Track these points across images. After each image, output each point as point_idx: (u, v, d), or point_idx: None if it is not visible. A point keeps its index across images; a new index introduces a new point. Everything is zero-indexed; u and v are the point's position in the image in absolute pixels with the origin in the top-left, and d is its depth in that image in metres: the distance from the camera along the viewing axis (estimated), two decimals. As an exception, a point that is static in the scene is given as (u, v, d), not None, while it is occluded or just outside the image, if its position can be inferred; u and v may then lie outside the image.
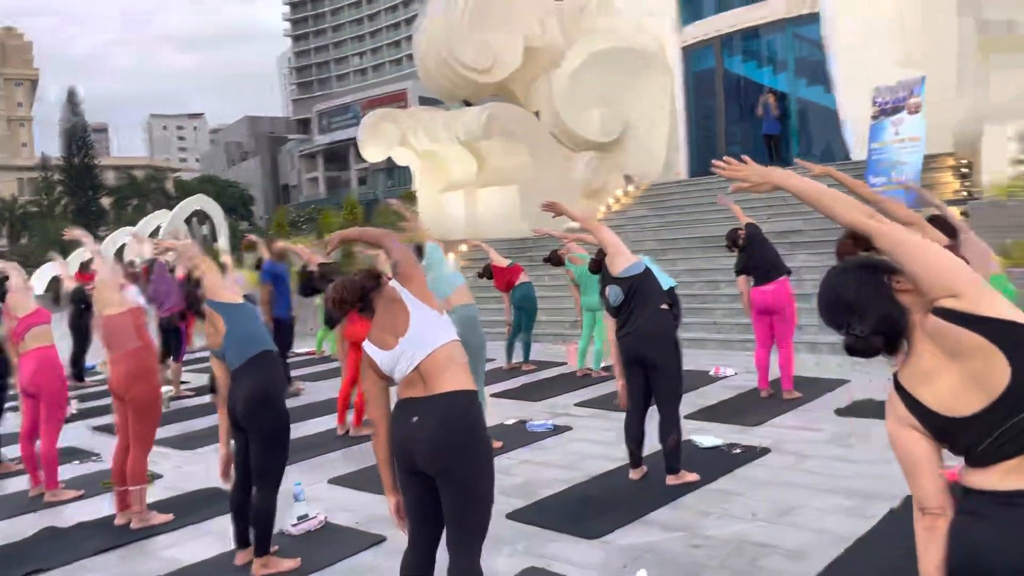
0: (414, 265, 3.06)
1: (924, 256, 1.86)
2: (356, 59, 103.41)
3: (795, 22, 15.74)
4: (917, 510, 1.92)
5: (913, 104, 11.40)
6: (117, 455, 4.90)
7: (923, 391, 1.85)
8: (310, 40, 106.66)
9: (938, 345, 1.82)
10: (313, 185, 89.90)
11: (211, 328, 4.05)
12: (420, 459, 2.80)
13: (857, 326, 1.89)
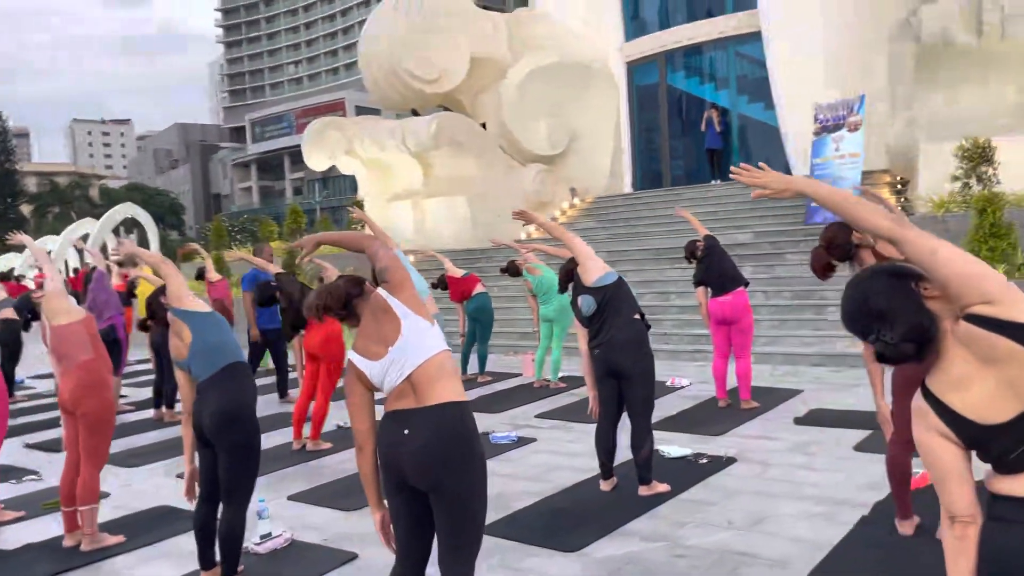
0: (404, 272, 2.96)
1: (957, 263, 1.86)
2: (291, 67, 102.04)
3: (737, 40, 16.10)
4: (946, 518, 1.91)
5: (852, 122, 11.75)
6: (66, 473, 4.63)
7: (954, 398, 1.84)
8: (243, 47, 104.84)
9: (971, 351, 1.82)
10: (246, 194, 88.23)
11: (175, 338, 3.86)
12: (412, 473, 2.70)
13: (887, 333, 1.88)
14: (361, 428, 2.83)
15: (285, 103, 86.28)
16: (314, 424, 6.52)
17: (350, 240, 3.28)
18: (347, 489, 5.40)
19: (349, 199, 17.01)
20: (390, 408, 2.78)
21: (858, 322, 1.94)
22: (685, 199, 14.70)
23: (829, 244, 4.20)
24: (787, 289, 10.07)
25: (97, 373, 4.46)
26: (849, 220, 2.09)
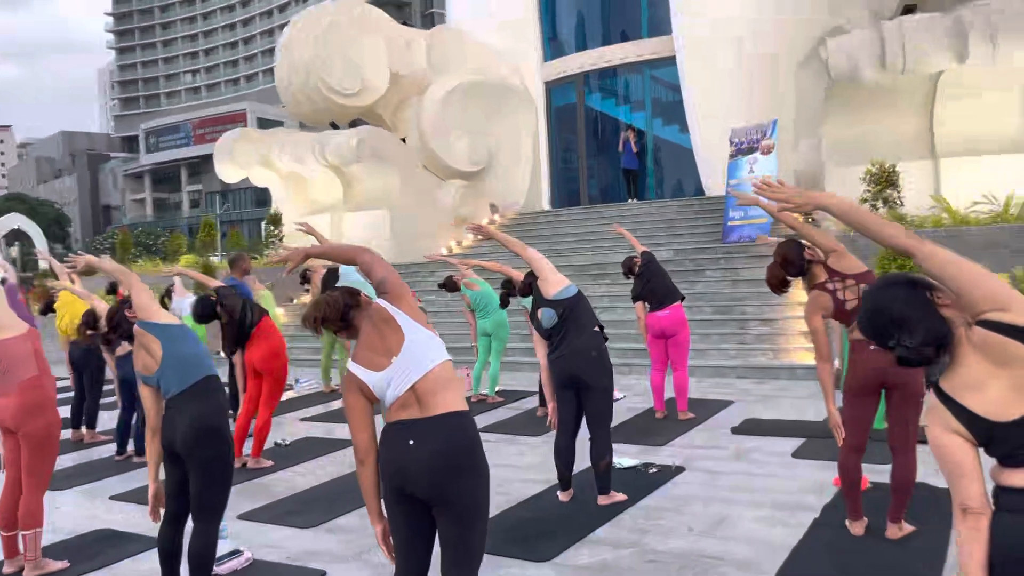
0: (402, 282, 2.97)
1: (972, 274, 2.04)
2: (188, 76, 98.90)
3: (652, 64, 16.65)
4: (959, 511, 2.06)
5: (766, 145, 12.33)
6: (6, 495, 4.37)
7: (970, 398, 2.01)
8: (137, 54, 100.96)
9: (985, 355, 1.99)
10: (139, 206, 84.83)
11: (141, 352, 3.72)
12: (417, 483, 2.70)
13: (908, 339, 2.04)
14: (362, 440, 2.81)
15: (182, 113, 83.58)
16: (256, 441, 6.36)
17: (341, 252, 3.26)
18: (301, 506, 5.30)
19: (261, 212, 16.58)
20: (393, 419, 2.78)
21: (879, 329, 2.10)
22: (605, 217, 15.05)
23: (784, 261, 4.44)
24: (708, 304, 10.46)
25: (42, 391, 4.23)
26: (865, 233, 2.26)
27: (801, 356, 9.22)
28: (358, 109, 17.35)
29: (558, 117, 18.27)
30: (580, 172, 18.12)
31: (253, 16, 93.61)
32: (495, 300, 8.31)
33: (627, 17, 17.20)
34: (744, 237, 12.19)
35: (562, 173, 18.48)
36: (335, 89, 16.42)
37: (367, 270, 3.03)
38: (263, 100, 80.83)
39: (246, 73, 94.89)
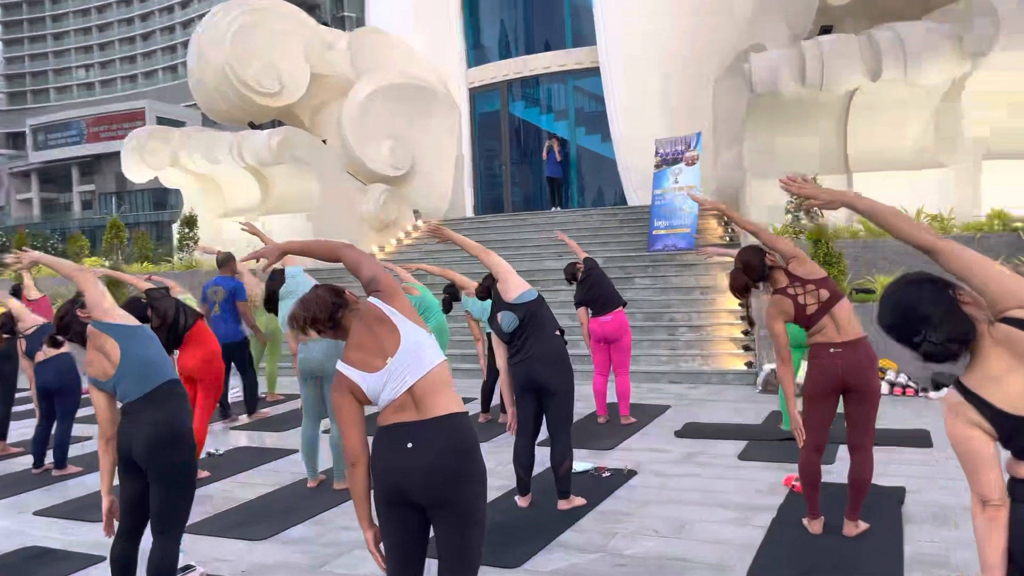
0: (394, 280, 2.88)
1: (995, 273, 2.11)
2: (81, 72, 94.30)
3: (576, 74, 16.86)
4: (977, 504, 2.13)
5: (690, 156, 12.64)
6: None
7: (992, 392, 2.08)
8: (25, 47, 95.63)
9: (1008, 350, 2.06)
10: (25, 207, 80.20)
11: (97, 355, 3.48)
12: (415, 488, 2.60)
13: (934, 335, 2.09)
14: (354, 444, 2.69)
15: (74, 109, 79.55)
16: (193, 451, 6.05)
17: (323, 249, 3.11)
18: (247, 518, 5.07)
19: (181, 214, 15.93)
20: (388, 422, 2.67)
21: (905, 326, 2.15)
22: (530, 224, 15.12)
23: (746, 266, 4.52)
24: (639, 311, 10.61)
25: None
26: (892, 232, 2.32)
27: (730, 362, 9.46)
28: (276, 109, 16.89)
29: (482, 124, 18.27)
30: (504, 179, 18.16)
31: (152, 11, 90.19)
32: (435, 305, 8.18)
33: (551, 27, 17.38)
34: (669, 246, 12.45)
35: (486, 180, 18.48)
36: (253, 88, 15.94)
37: (353, 267, 2.92)
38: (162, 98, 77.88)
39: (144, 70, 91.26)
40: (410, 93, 16.94)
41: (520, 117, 17.94)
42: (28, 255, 3.78)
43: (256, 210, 15.83)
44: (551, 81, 17.33)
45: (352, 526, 4.82)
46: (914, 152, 11.63)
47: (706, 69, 15.31)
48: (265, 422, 8.14)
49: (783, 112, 11.76)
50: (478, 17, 18.34)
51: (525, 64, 17.32)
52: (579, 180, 17.28)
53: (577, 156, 17.37)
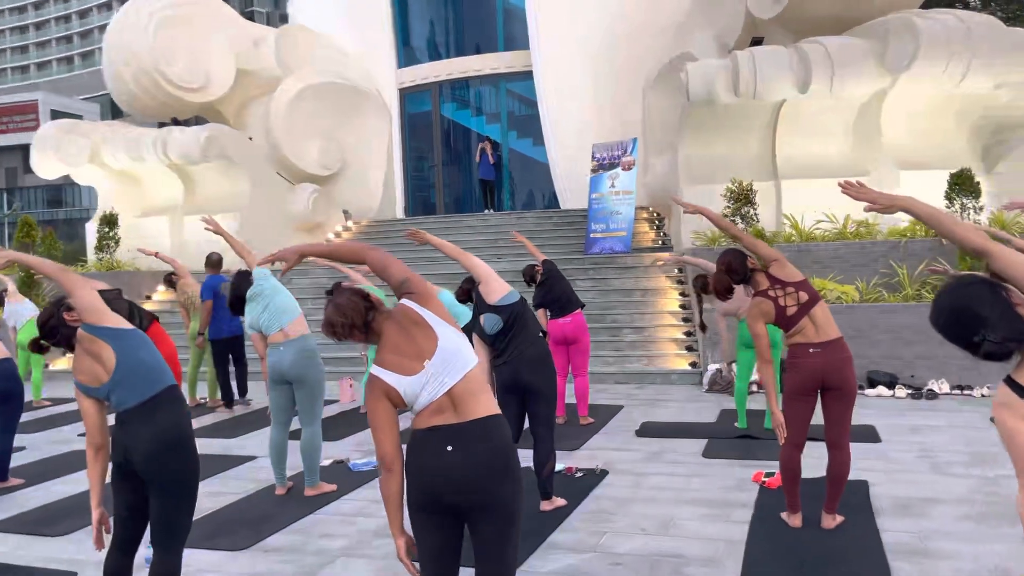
0: (426, 282, 2.87)
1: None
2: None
3: (508, 77, 16.94)
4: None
5: (626, 161, 12.88)
6: None
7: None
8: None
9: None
10: (-97, 203, 75.00)
11: (88, 360, 3.30)
12: (457, 491, 2.59)
13: (992, 335, 2.22)
14: (389, 449, 2.65)
15: (-42, 101, 75.02)
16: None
17: (347, 251, 3.06)
18: (219, 527, 4.90)
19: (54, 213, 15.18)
20: (425, 424, 2.66)
21: (963, 327, 2.27)
22: (465, 226, 15.11)
23: (728, 269, 4.65)
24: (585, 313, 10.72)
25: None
26: (945, 235, 2.45)
27: (674, 362, 9.69)
28: (199, 105, 16.37)
29: (412, 125, 18.14)
30: (436, 181, 18.08)
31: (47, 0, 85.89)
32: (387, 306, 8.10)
33: (483, 30, 17.41)
34: (606, 249, 12.65)
35: (417, 181, 18.35)
36: (176, 83, 15.41)
37: (380, 269, 2.88)
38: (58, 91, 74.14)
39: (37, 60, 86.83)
40: (340, 92, 16.70)
41: (452, 119, 17.89)
42: (3, 254, 3.56)
43: (179, 209, 15.30)
44: (483, 84, 17.36)
45: (335, 533, 4.73)
46: (837, 160, 12.14)
47: (636, 76, 15.62)
48: (213, 428, 7.87)
49: (716, 120, 12.11)
50: (408, 17, 18.21)
51: (457, 66, 17.30)
52: (511, 183, 17.36)
53: (511, 159, 17.44)
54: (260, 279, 5.51)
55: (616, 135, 14.62)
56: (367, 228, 16.39)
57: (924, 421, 7.11)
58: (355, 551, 4.43)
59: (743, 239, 4.71)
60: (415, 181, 18.29)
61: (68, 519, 5.16)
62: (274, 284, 5.50)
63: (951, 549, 4.10)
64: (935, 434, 6.62)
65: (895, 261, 9.61)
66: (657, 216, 14.51)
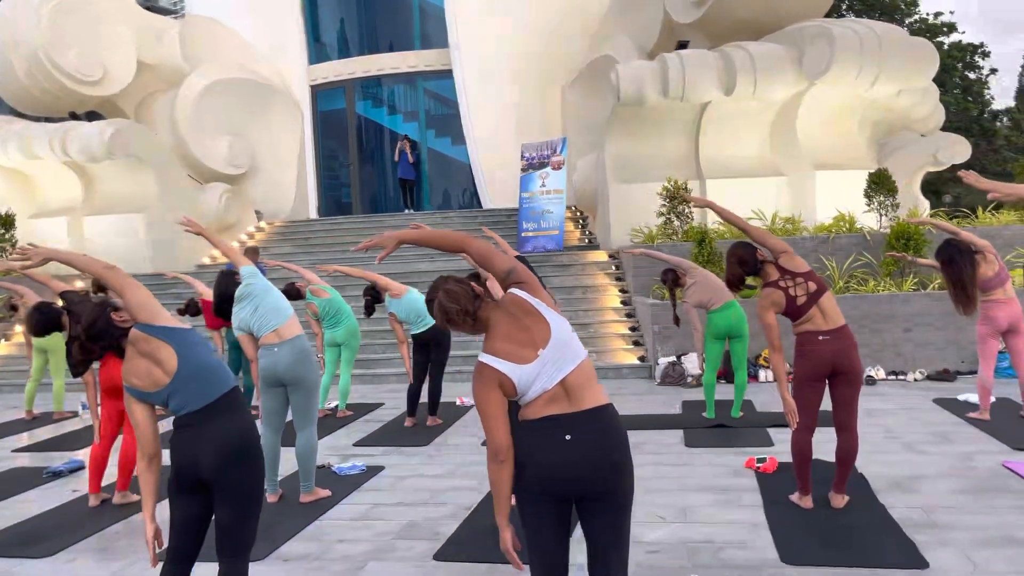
0: (531, 272, 2.84)
1: None
2: None
3: (426, 76, 16.78)
4: None
5: (556, 161, 13.01)
6: None
7: None
8: None
9: None
10: None
11: (144, 363, 3.06)
12: (576, 481, 2.58)
13: None
14: (503, 439, 2.61)
15: None
16: (123, 472, 5.44)
17: (448, 240, 2.99)
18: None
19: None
20: (539, 414, 2.63)
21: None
22: (387, 227, 14.85)
23: (740, 261, 4.79)
24: (523, 311, 10.77)
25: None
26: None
27: (623, 356, 9.86)
28: (97, 99, 15.40)
29: (324, 123, 17.69)
30: (352, 180, 17.69)
31: None
32: (346, 309, 7.90)
33: (400, 27, 17.18)
34: (539, 248, 12.74)
35: (331, 180, 17.91)
36: (72, 75, 14.43)
37: (484, 259, 2.84)
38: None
39: None
40: (249, 88, 16.14)
41: (367, 117, 17.56)
42: (38, 251, 3.24)
43: (78, 210, 14.36)
44: (400, 82, 17.13)
45: (352, 538, 4.57)
46: (756, 161, 12.71)
47: (555, 77, 15.83)
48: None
49: (642, 120, 12.41)
50: (319, 12, 17.74)
51: (373, 63, 16.99)
52: (430, 182, 17.22)
53: (429, 158, 17.28)
54: (249, 278, 5.24)
55: (537, 134, 14.76)
56: (280, 229, 15.88)
57: (875, 405, 7.52)
58: (383, 555, 4.30)
59: (751, 232, 4.84)
60: (328, 180, 17.84)
61: (50, 539, 4.75)
62: (264, 283, 5.25)
63: (957, 521, 4.37)
64: (889, 417, 7.03)
65: (824, 255, 10.11)
66: (581, 215, 14.74)
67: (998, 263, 6.47)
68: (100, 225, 13.97)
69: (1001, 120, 30.36)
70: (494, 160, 15.60)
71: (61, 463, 6.48)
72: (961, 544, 4.03)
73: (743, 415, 7.18)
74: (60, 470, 6.28)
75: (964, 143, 13.75)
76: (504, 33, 15.55)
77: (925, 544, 4.04)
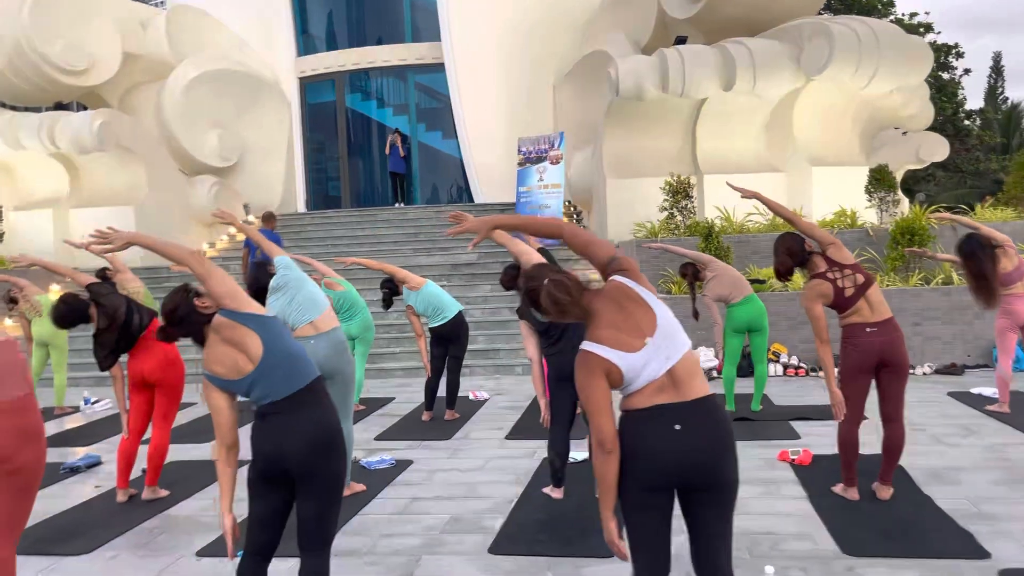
0: (632, 259, 2.80)
1: None
2: None
3: (417, 69, 16.65)
4: None
5: (554, 155, 12.98)
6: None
7: None
8: None
9: None
10: None
11: (228, 350, 2.96)
12: (689, 471, 2.54)
13: None
14: (611, 429, 2.57)
15: None
16: (152, 468, 5.30)
17: (542, 225, 2.94)
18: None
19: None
20: (647, 403, 2.59)
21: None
22: (380, 220, 14.75)
23: (789, 252, 4.80)
24: (526, 306, 10.73)
25: (35, 415, 3.19)
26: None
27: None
28: (81, 89, 15.07)
29: (313, 115, 17.48)
30: (341, 174, 17.51)
31: None
32: (360, 302, 7.78)
33: (389, 20, 17.03)
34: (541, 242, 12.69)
35: (316, 174, 17.71)
36: (58, 65, 14.09)
37: (583, 247, 2.81)
38: None
39: None
40: (237, 80, 15.89)
41: (357, 110, 17.39)
42: (119, 235, 3.13)
43: (64, 202, 14.03)
44: (390, 75, 16.98)
45: (399, 532, 4.50)
46: (752, 157, 12.78)
47: (547, 71, 15.79)
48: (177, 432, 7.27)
49: (639, 115, 12.41)
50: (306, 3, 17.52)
51: (364, 55, 16.82)
52: (423, 176, 17.10)
53: (420, 152, 17.16)
54: (283, 269, 5.13)
55: (529, 129, 14.71)
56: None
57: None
58: (435, 549, 4.23)
59: (798, 223, 4.84)
60: (316, 174, 17.65)
61: (84, 536, 4.62)
62: (299, 275, 5.14)
63: (1008, 512, 4.40)
64: (908, 410, 7.06)
65: (827, 251, 10.17)
66: (576, 210, 14.72)
67: (1017, 258, 6.56)
68: (88, 218, 13.63)
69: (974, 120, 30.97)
70: (486, 154, 15.52)
71: (76, 458, 6.32)
72: (1016, 535, 4.06)
73: (762, 408, 7.20)
74: (77, 465, 6.12)
75: (944, 142, 14.01)
76: (496, 26, 15.48)
77: (981, 535, 4.07)
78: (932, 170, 25.99)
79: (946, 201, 21.49)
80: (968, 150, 28.62)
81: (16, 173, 14.34)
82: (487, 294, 11.13)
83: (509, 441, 6.53)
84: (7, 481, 3.13)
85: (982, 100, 34.44)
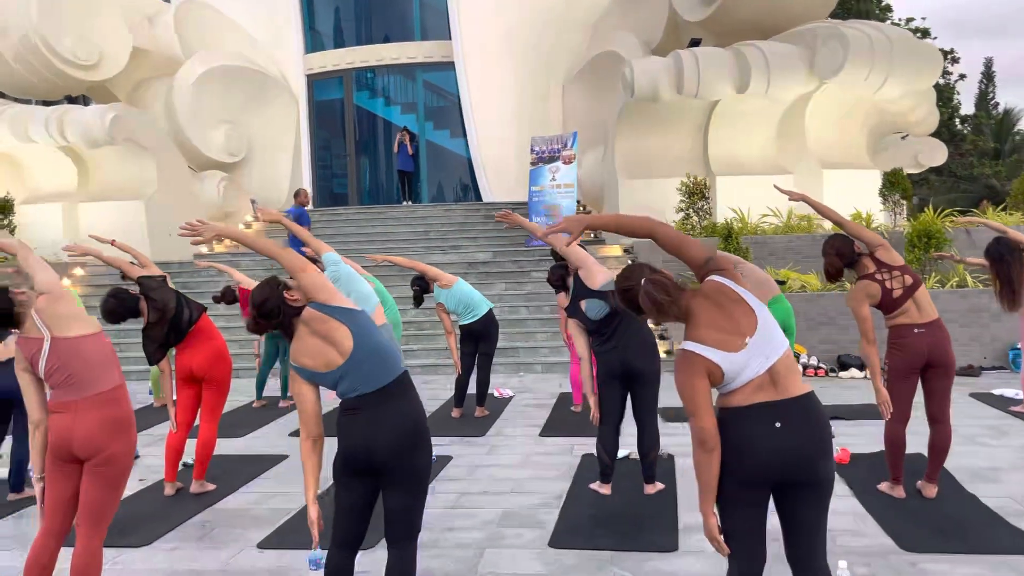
0: (728, 258, 2.86)
1: None
2: None
3: (425, 67, 16.66)
4: None
5: (567, 155, 13.03)
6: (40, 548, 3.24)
7: None
8: None
9: None
10: None
11: (318, 343, 3.00)
12: (789, 468, 2.60)
13: None
14: (712, 427, 2.61)
15: None
16: (200, 461, 5.32)
17: (635, 224, 2.98)
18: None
19: None
20: (747, 402, 2.64)
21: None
22: (389, 218, 14.76)
23: (839, 253, 4.86)
24: (544, 304, 10.78)
25: (126, 405, 3.22)
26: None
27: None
28: (90, 83, 15.00)
29: (320, 113, 17.45)
30: (349, 171, 17.49)
31: None
32: (389, 299, 7.80)
33: (398, 17, 17.04)
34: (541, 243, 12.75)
35: (323, 171, 17.69)
36: (66, 58, 14.03)
37: (675, 246, 2.85)
38: None
39: None
40: (245, 76, 15.87)
41: (364, 108, 17.37)
42: (209, 227, 3.16)
43: (73, 196, 13.97)
44: (399, 72, 16.98)
45: (459, 526, 4.54)
46: (764, 159, 12.87)
47: (557, 71, 15.85)
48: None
49: (652, 117, 12.48)
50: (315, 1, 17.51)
51: (372, 53, 16.81)
52: (432, 174, 17.11)
53: (428, 151, 17.17)
54: (332, 265, 5.16)
55: (538, 128, 14.77)
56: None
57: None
58: (495, 543, 4.28)
59: (847, 225, 4.90)
60: (322, 171, 17.62)
61: (138, 528, 4.64)
62: (349, 271, 5.16)
63: (1055, 508, 4.50)
64: (933, 410, 7.18)
65: (843, 253, 10.28)
66: (585, 210, 14.78)
67: (1043, 261, 6.64)
68: (97, 212, 13.60)
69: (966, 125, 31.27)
70: (495, 153, 15.56)
71: None
72: (1067, 530, 4.15)
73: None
74: None
75: (942, 147, 14.16)
76: (506, 24, 15.52)
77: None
78: (926, 174, 26.23)
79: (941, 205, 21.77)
80: (962, 155, 28.90)
81: (23, 167, 14.26)
82: (502, 292, 11.17)
83: (545, 438, 6.58)
84: (97, 472, 3.17)
85: (973, 106, 34.77)
